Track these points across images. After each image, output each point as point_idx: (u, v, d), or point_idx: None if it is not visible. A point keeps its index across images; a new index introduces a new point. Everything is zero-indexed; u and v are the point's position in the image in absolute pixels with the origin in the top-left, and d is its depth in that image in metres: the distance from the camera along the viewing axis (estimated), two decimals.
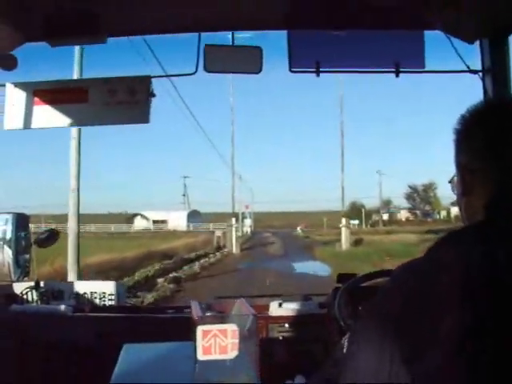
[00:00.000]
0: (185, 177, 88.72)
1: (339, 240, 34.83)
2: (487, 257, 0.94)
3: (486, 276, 0.93)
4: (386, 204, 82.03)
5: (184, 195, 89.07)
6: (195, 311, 1.41)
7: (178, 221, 71.38)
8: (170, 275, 18.33)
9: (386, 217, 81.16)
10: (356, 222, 67.14)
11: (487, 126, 1.11)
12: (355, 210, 77.84)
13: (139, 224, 73.30)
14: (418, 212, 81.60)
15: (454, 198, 1.22)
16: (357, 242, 35.39)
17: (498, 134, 1.09)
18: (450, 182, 1.26)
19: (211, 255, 29.26)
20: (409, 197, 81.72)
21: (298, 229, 69.06)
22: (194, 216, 76.39)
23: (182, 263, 23.44)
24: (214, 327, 1.26)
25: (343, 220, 35.69)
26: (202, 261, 25.23)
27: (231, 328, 1.27)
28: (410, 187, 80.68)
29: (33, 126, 2.81)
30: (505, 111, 1.14)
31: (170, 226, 70.30)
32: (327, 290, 2.79)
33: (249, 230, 62.17)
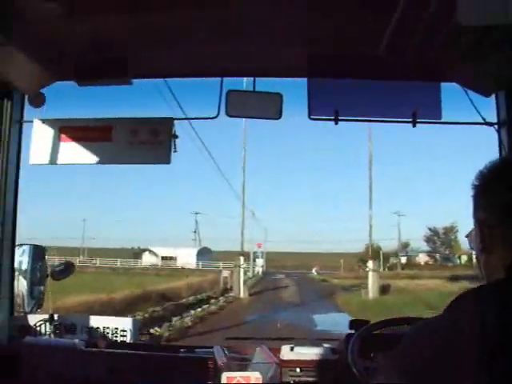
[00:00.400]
0: (196, 213, 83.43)
1: (360, 285, 31.99)
2: (504, 318, 0.96)
3: (502, 338, 0.94)
4: (404, 246, 77.34)
5: (195, 231, 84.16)
6: (218, 357, 1.44)
7: (187, 258, 68.65)
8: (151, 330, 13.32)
9: (403, 260, 75.83)
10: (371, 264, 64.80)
11: (506, 182, 1.11)
12: (372, 253, 70.86)
13: (147, 260, 69.75)
14: (437, 256, 77.40)
15: None
16: (384, 289, 30.75)
17: None
18: (467, 236, 1.26)
19: (213, 300, 24.78)
20: (429, 240, 74.41)
21: (313, 271, 64.90)
22: (203, 253, 73.29)
23: (175, 310, 19.05)
24: (238, 374, 1.28)
25: (370, 263, 32.04)
26: (198, 309, 20.33)
27: (255, 376, 1.29)
28: (430, 229, 76.49)
29: (57, 162, 2.89)
30: None
31: (179, 262, 67.76)
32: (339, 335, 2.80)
33: (260, 270, 59.69)
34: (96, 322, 3.29)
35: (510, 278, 1.04)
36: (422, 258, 76.78)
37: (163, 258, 70.97)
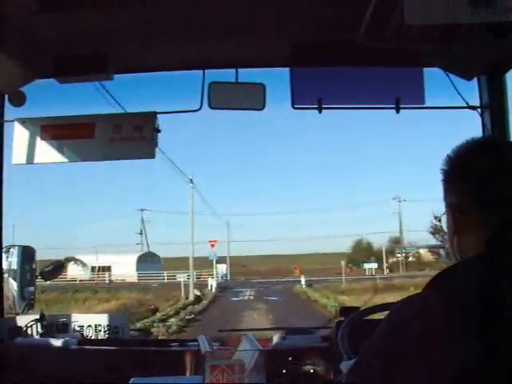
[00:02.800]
0: (142, 210, 64.69)
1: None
2: (490, 289, 0.97)
3: (482, 310, 0.95)
4: (396, 242, 62.82)
5: (141, 233, 64.56)
6: (203, 346, 1.44)
7: (124, 267, 51.57)
8: None
9: (399, 257, 61.07)
10: (373, 265, 53.35)
11: (474, 164, 1.13)
12: (362, 251, 64.06)
13: (73, 272, 45.58)
14: (441, 251, 52.89)
15: None
16: None
17: (486, 173, 1.11)
18: (439, 220, 1.28)
19: None
20: (436, 231, 49.21)
21: (302, 279, 40.34)
22: (147, 261, 55.41)
23: None
24: (222, 362, 1.29)
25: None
26: None
27: (238, 363, 1.29)
28: (436, 218, 58.14)
29: (40, 161, 2.87)
30: (490, 150, 1.16)
31: (115, 274, 51.56)
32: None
33: (214, 284, 37.69)
34: (88, 319, 3.29)
35: (490, 252, 1.04)
36: (427, 255, 59.80)
37: (94, 269, 52.82)
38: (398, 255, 60.32)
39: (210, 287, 36.17)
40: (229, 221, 67.77)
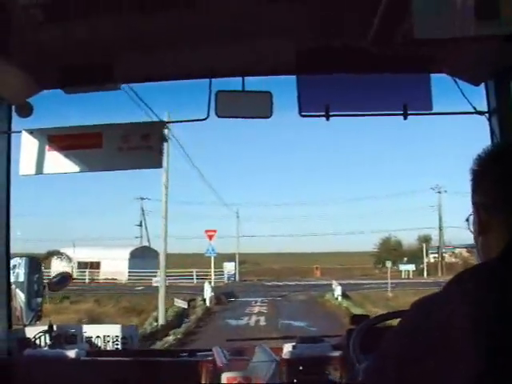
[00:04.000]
0: (142, 198, 53.39)
1: None
2: (498, 296, 0.96)
3: (494, 316, 0.94)
4: (426, 240, 54.89)
5: (140, 225, 54.17)
6: (218, 357, 1.43)
7: (115, 264, 43.91)
8: None
9: (431, 258, 53.28)
10: (410, 267, 44.50)
11: (503, 165, 1.13)
12: (390, 250, 54.48)
13: (57, 268, 32.68)
14: None
15: None
16: None
17: None
18: (466, 220, 1.28)
19: None
20: None
21: (335, 286, 28.65)
22: (142, 256, 45.65)
23: None
24: (239, 374, 1.27)
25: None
26: None
27: (255, 375, 1.28)
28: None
29: (48, 171, 2.86)
30: None
31: (105, 271, 44.91)
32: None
33: (209, 292, 26.55)
34: (96, 330, 3.27)
35: (504, 257, 1.04)
36: (465, 256, 46.67)
37: (80, 265, 45.00)
38: (432, 255, 52.90)
39: (204, 296, 26.29)
40: (238, 211, 57.21)
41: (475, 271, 1.06)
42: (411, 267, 44.64)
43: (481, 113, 2.79)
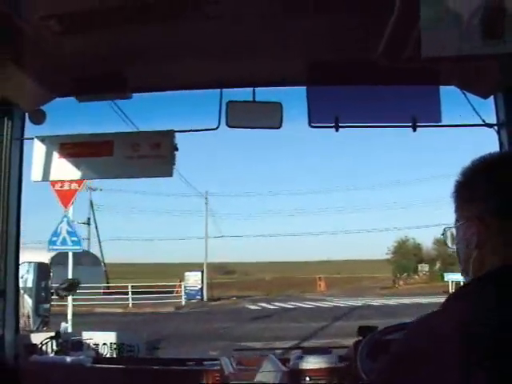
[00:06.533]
0: (91, 189, 36.68)
1: None
2: (493, 313, 0.95)
3: (491, 336, 0.93)
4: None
5: (88, 223, 39.92)
6: (225, 367, 1.43)
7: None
8: None
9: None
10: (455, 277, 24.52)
11: (501, 177, 1.10)
12: (408, 254, 46.10)
13: None
14: None
15: None
16: None
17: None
18: (442, 235, 1.25)
19: None
20: None
21: None
22: (79, 263, 20.01)
23: None
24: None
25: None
26: None
27: None
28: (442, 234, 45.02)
29: (58, 177, 2.90)
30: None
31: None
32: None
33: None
34: (103, 338, 3.28)
35: (503, 272, 1.03)
36: None
37: None
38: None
39: None
40: (208, 193, 42.20)
41: (468, 291, 1.06)
42: (456, 277, 28.43)
43: (490, 125, 2.80)
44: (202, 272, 34.81)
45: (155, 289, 31.91)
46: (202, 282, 33.71)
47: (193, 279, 33.08)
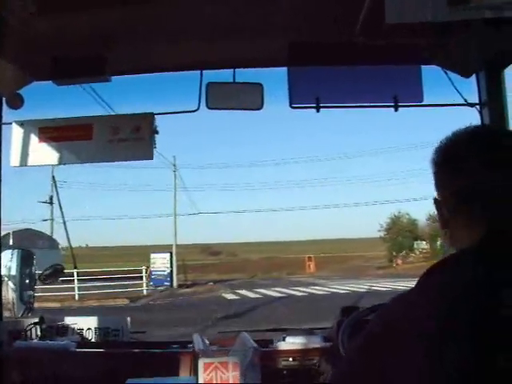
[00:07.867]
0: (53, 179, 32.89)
1: None
2: (476, 287, 0.95)
3: (473, 309, 0.93)
4: None
5: (51, 201, 35.12)
6: (197, 345, 1.42)
7: None
8: None
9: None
10: None
11: (467, 158, 1.09)
12: (403, 231, 42.88)
13: None
14: None
15: None
16: None
17: (481, 165, 1.07)
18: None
19: None
20: None
21: None
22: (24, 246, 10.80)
23: None
24: (215, 360, 1.27)
25: None
26: None
27: (232, 361, 1.28)
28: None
29: (38, 162, 2.87)
30: (484, 140, 1.13)
31: None
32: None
33: None
34: (87, 322, 3.27)
35: (484, 246, 1.03)
36: None
37: None
38: None
39: None
40: (176, 159, 35.69)
41: (447, 264, 1.05)
42: None
43: (472, 104, 2.79)
44: (171, 254, 29.43)
45: (115, 275, 25.50)
46: (171, 265, 28.59)
47: (160, 262, 28.05)
